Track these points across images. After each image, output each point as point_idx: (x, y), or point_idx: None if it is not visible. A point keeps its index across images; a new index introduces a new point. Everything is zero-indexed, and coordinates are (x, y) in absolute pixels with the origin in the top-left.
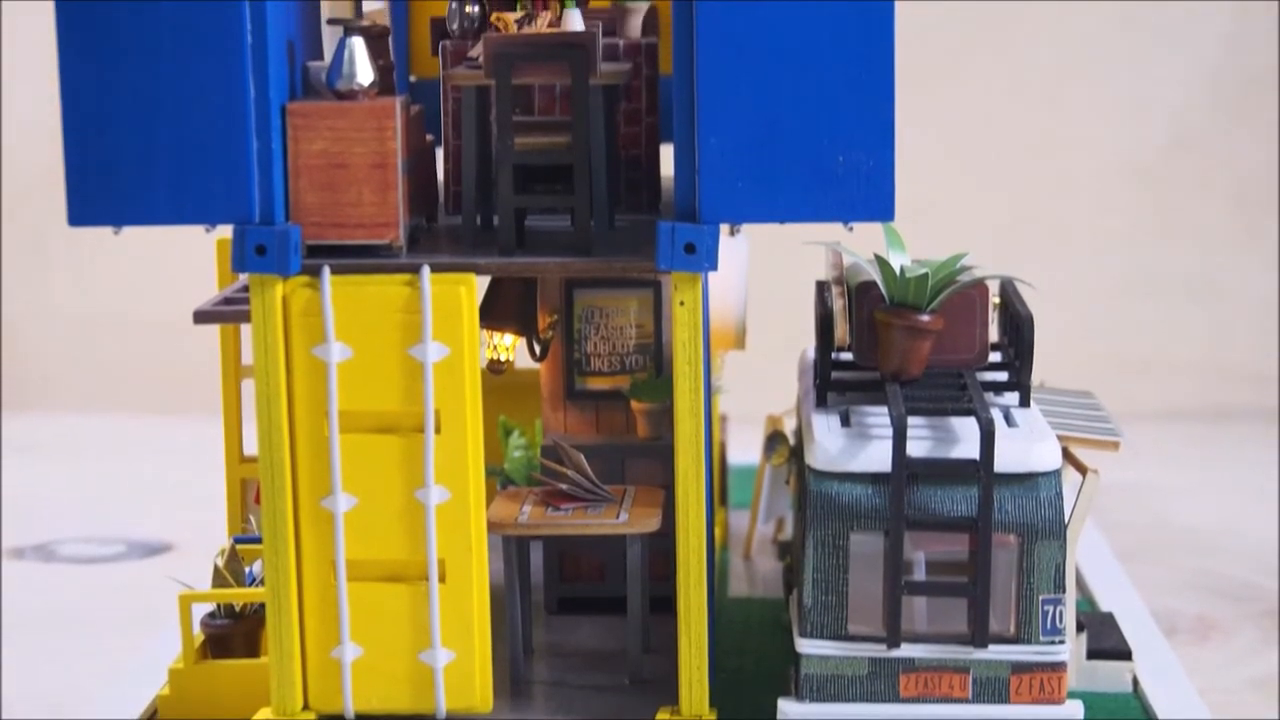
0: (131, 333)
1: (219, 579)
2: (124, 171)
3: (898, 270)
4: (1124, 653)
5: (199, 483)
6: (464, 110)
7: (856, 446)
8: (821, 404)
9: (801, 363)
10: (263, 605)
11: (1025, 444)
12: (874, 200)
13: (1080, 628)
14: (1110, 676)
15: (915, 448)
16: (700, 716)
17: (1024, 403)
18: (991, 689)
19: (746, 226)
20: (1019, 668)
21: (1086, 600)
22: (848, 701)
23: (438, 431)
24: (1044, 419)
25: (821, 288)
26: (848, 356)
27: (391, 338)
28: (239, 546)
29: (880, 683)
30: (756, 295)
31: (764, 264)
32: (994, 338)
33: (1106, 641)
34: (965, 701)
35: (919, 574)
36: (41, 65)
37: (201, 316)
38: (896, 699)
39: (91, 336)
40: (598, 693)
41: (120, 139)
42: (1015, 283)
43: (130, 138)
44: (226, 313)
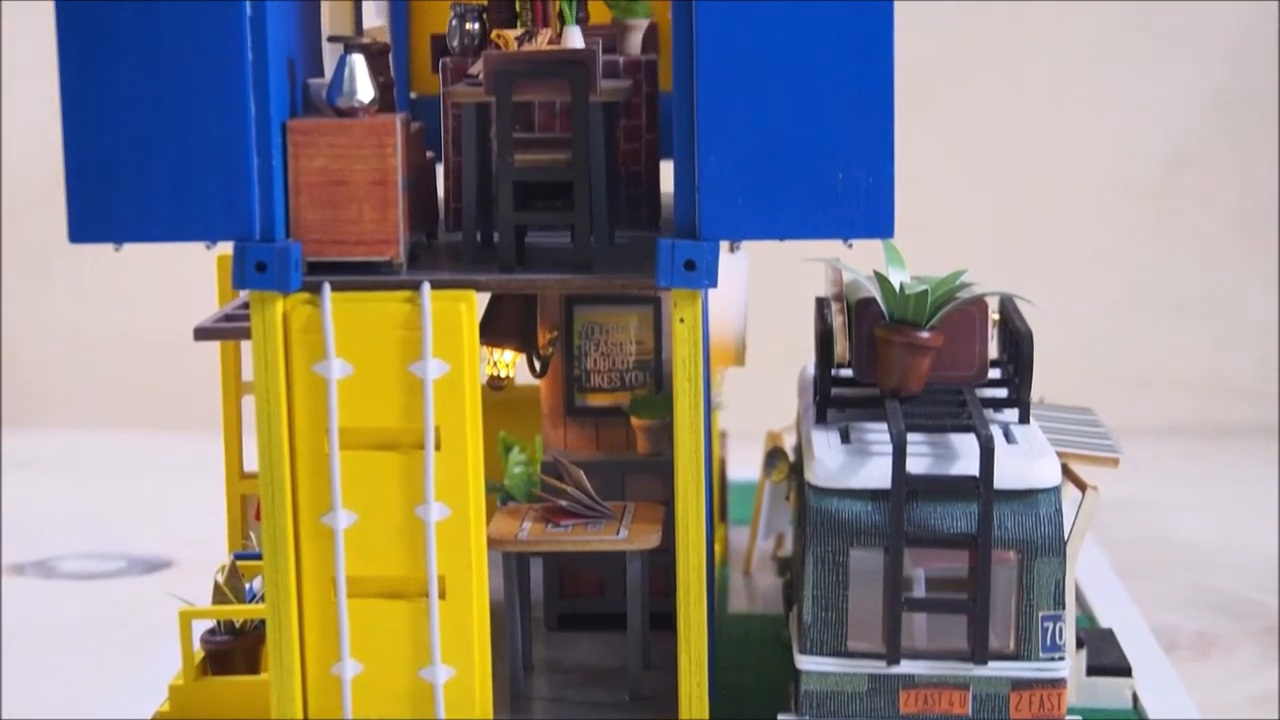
0: (132, 349)
1: (219, 595)
2: (124, 188)
3: (897, 287)
4: (1124, 669)
5: (199, 499)
6: (464, 127)
7: (856, 463)
8: (821, 420)
9: (801, 379)
10: (263, 621)
11: (1025, 461)
12: (873, 217)
13: (1080, 644)
14: (1110, 693)
15: (915, 464)
16: None
17: (1023, 419)
18: (991, 705)
19: (746, 243)
20: (1019, 684)
21: (1086, 616)
22: (848, 718)
23: (438, 448)
24: (1043, 435)
25: (821, 304)
26: (847, 373)
27: (392, 354)
28: (239, 563)
29: (880, 699)
30: (756, 312)
31: (764, 280)
32: (993, 354)
33: (1106, 658)
34: (965, 718)
35: (919, 590)
36: (42, 81)
37: (202, 333)
38: (896, 715)
39: (92, 353)
40: (598, 709)
41: (121, 156)
42: (1015, 299)
43: (131, 155)
44: (227, 329)
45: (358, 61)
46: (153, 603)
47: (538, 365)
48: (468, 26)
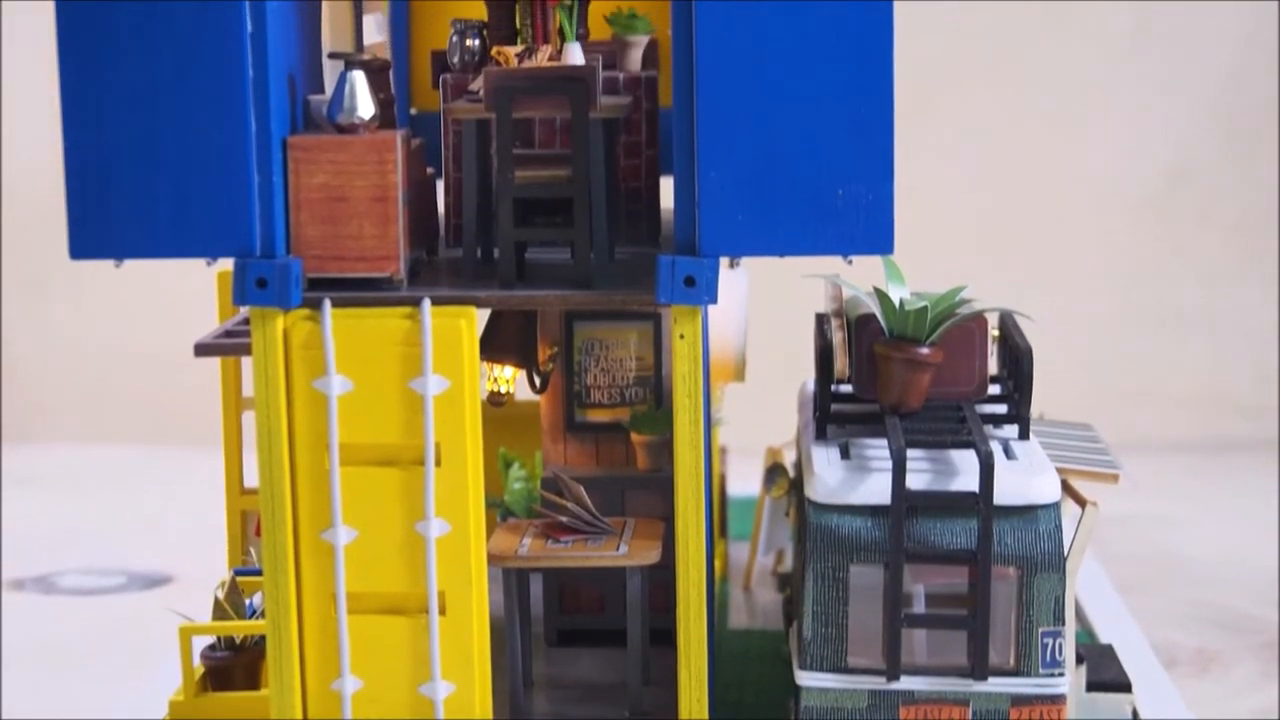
0: (132, 364)
1: (219, 611)
2: (125, 205)
3: (897, 303)
4: (1124, 685)
5: (199, 514)
6: (464, 143)
7: (856, 479)
8: (821, 436)
9: (801, 395)
10: (263, 637)
11: (1025, 476)
12: (873, 233)
13: (1080, 660)
14: (1110, 709)
15: (915, 480)
16: None
17: (1023, 435)
18: None
19: (746, 259)
20: (1019, 700)
21: (1086, 632)
22: None
23: (438, 464)
24: (1043, 451)
25: (821, 320)
26: (847, 389)
27: (392, 370)
28: (239, 578)
29: (880, 715)
30: (756, 328)
31: (763, 296)
32: (993, 370)
33: (1106, 674)
34: None
35: (919, 606)
36: (43, 96)
37: (202, 349)
38: None
39: (92, 368)
40: None
41: (122, 172)
42: (1014, 315)
43: (132, 170)
44: (227, 345)
45: (358, 78)
46: (153, 618)
47: (538, 381)
48: (468, 43)
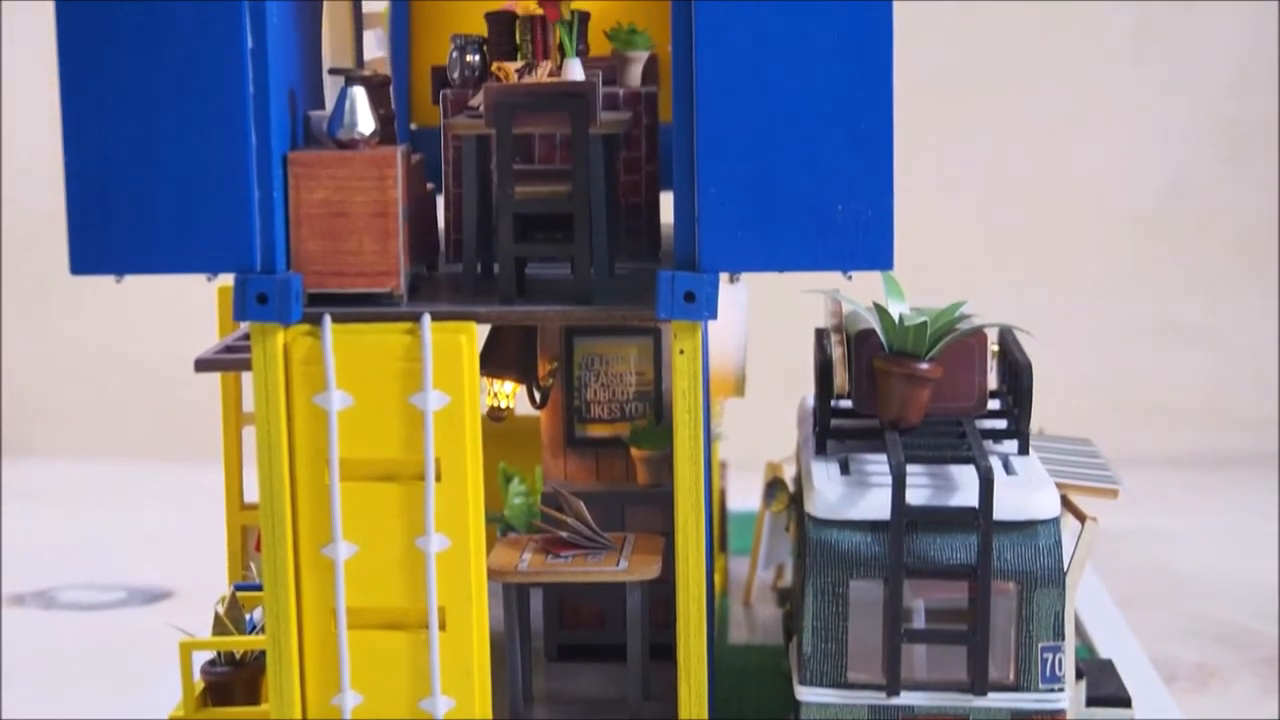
0: (132, 379)
1: (219, 626)
2: (126, 220)
3: (897, 318)
4: (1123, 700)
5: (200, 529)
6: (464, 159)
7: (856, 494)
8: (821, 451)
9: (801, 410)
10: (263, 653)
11: (1024, 492)
12: (873, 249)
13: (1079, 675)
14: None
15: (914, 495)
16: None
17: (1023, 450)
18: None
19: (746, 274)
20: (1018, 715)
21: (1086, 647)
22: None
23: (438, 479)
24: (1043, 467)
25: (821, 336)
26: (847, 404)
27: (392, 386)
28: (239, 594)
29: None
30: (756, 342)
31: (763, 311)
32: (993, 385)
33: (1106, 689)
34: None
35: (918, 622)
36: (44, 111)
37: (203, 365)
38: None
39: (92, 383)
40: None
41: (122, 188)
42: (1014, 330)
43: (132, 187)
44: (228, 360)
45: (358, 94)
46: (153, 633)
47: (538, 396)
48: (468, 58)
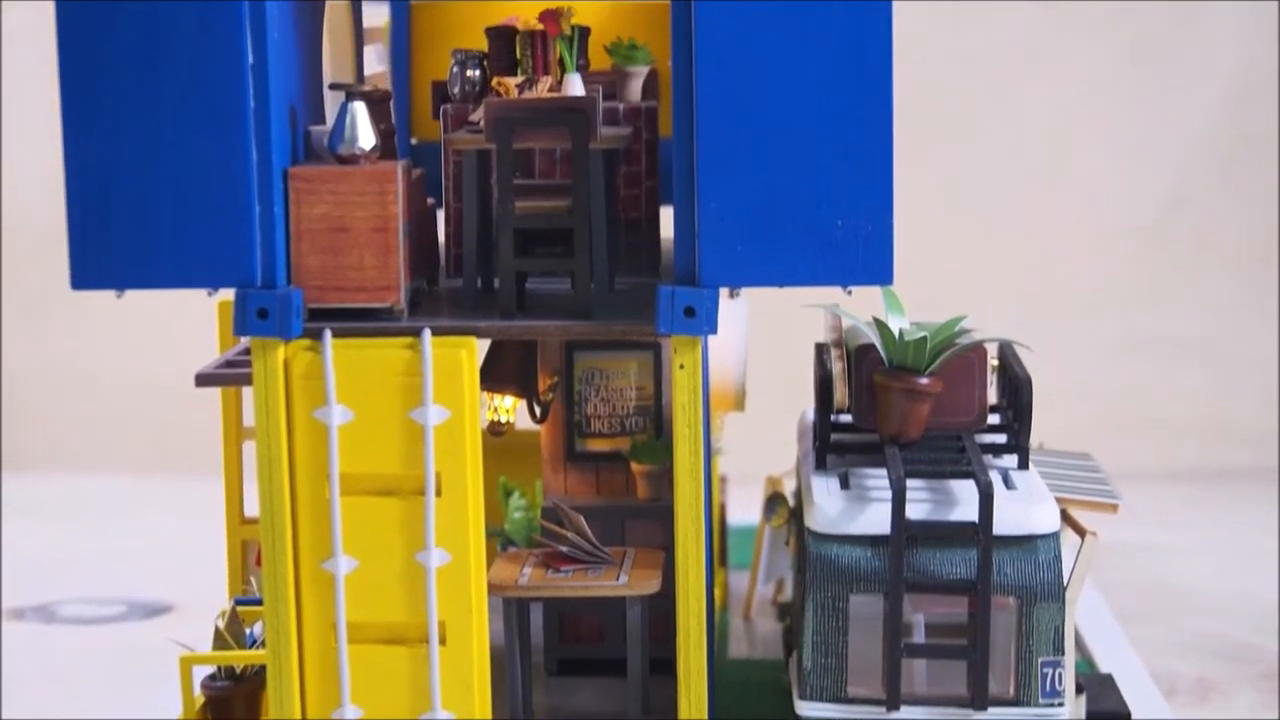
0: (133, 394)
1: (220, 641)
2: (126, 235)
3: (897, 333)
4: (1123, 714)
5: (200, 544)
6: (465, 174)
7: (856, 509)
8: (821, 466)
9: (801, 425)
10: (263, 667)
11: (1024, 506)
12: (873, 264)
13: (1079, 689)
14: None
15: (914, 510)
16: None
17: (1023, 465)
18: None
19: (746, 289)
20: None
21: (1086, 661)
22: None
23: (438, 494)
24: (1043, 481)
25: (820, 350)
26: (847, 419)
27: (392, 400)
28: (240, 608)
29: None
30: (756, 357)
31: (763, 326)
32: (993, 400)
33: (1106, 703)
34: None
35: (918, 636)
36: (45, 127)
37: (203, 379)
38: None
39: (93, 397)
40: None
41: (123, 203)
42: (1014, 345)
43: (133, 202)
44: (228, 375)
45: (359, 109)
46: (153, 648)
47: (538, 411)
48: (469, 73)
